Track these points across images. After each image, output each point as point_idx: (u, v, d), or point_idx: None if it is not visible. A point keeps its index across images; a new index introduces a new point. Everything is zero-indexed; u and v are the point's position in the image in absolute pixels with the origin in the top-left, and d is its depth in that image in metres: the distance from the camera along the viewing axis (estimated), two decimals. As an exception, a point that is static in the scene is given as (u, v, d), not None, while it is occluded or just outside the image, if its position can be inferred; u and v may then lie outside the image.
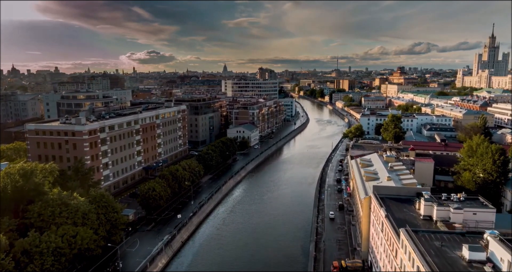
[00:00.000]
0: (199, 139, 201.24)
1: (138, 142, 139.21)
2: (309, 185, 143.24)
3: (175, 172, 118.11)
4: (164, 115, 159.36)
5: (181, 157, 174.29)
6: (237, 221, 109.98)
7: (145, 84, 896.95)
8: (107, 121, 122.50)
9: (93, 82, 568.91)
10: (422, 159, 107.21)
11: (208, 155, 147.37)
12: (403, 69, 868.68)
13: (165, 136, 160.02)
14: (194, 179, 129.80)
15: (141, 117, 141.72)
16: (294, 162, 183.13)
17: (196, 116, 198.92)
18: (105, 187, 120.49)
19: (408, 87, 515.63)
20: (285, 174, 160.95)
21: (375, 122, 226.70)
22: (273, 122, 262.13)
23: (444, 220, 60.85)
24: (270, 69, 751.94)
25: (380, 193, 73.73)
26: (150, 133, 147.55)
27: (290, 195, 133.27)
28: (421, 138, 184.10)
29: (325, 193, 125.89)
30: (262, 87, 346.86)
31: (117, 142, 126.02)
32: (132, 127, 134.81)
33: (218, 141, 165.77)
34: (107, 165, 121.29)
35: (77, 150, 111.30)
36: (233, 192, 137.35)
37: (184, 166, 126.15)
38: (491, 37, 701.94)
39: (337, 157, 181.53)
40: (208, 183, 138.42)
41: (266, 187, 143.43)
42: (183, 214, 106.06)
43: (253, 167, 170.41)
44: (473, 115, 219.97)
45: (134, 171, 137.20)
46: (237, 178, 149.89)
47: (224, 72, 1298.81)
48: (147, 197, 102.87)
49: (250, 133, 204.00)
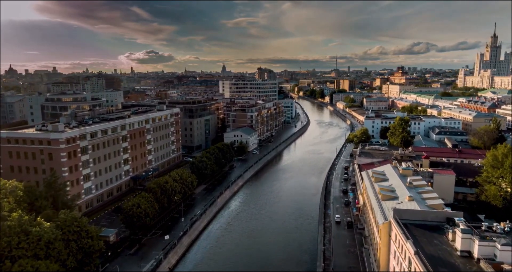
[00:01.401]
0: (194, 144, 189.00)
1: (125, 149, 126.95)
2: (312, 196, 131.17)
3: (164, 185, 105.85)
4: (155, 120, 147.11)
5: (174, 164, 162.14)
6: (233, 241, 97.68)
7: (142, 84, 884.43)
8: (89, 127, 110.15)
9: (88, 83, 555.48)
10: (441, 171, 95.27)
11: (202, 163, 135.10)
12: (403, 69, 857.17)
13: (156, 141, 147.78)
14: (186, 191, 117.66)
15: (129, 122, 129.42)
16: (295, 169, 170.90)
17: (191, 120, 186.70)
18: (86, 200, 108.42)
19: (410, 87, 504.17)
20: (285, 183, 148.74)
21: (380, 126, 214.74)
22: (273, 125, 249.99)
23: (488, 258, 48.78)
24: (269, 69, 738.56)
25: (402, 217, 61.69)
26: (139, 140, 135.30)
27: (292, 208, 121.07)
28: (431, 143, 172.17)
29: (331, 206, 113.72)
30: (261, 88, 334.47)
31: (100, 150, 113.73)
32: (118, 134, 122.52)
33: (214, 147, 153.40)
34: (88, 176, 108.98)
35: (54, 160, 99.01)
36: (230, 205, 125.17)
37: (174, 176, 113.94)
38: (493, 37, 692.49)
39: (342, 163, 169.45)
40: (202, 195, 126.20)
41: (265, 198, 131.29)
42: (172, 234, 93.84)
43: (252, 175, 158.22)
44: (484, 118, 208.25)
45: (121, 181, 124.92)
46: (234, 188, 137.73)
47: (223, 72, 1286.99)
48: (131, 215, 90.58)
49: (248, 138, 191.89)
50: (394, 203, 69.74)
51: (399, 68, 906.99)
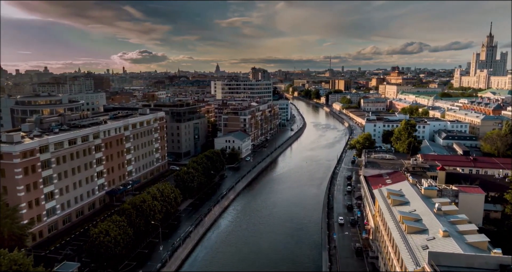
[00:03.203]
0: (182, 150, 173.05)
1: (99, 161, 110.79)
2: (313, 212, 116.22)
3: (141, 205, 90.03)
4: (135, 125, 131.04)
5: (159, 174, 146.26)
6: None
7: (134, 84, 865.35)
8: (53, 137, 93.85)
9: (76, 83, 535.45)
10: (467, 188, 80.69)
11: (189, 175, 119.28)
12: (399, 69, 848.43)
13: (137, 150, 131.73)
14: (168, 209, 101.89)
15: (104, 130, 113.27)
16: (292, 179, 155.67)
17: (178, 124, 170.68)
18: (50, 223, 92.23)
19: (407, 88, 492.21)
20: (282, 196, 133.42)
21: (382, 129, 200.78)
22: (268, 128, 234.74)
23: None
24: (263, 69, 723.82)
25: (440, 263, 46.76)
26: (116, 149, 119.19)
27: (290, 228, 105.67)
28: (440, 150, 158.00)
29: (335, 227, 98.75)
30: (255, 88, 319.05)
31: (67, 163, 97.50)
32: (90, 143, 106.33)
33: (202, 155, 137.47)
34: (52, 194, 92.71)
35: (6, 178, 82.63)
36: (219, 223, 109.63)
37: (154, 193, 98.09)
38: (489, 36, 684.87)
39: (343, 172, 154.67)
40: (187, 212, 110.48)
41: (259, 216, 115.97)
42: (147, 266, 78.25)
43: (245, 186, 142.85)
44: (492, 121, 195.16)
45: (94, 198, 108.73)
46: (224, 202, 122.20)
47: (217, 72, 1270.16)
48: (98, 245, 74.80)
49: (241, 143, 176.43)
50: (424, 239, 54.84)
51: (393, 68, 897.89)
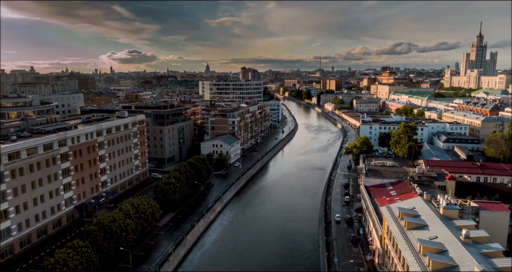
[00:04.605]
0: (166, 156, 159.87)
1: (67, 171, 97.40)
2: (308, 227, 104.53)
3: (110, 225, 77.14)
4: (111, 130, 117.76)
5: (139, 183, 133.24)
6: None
7: (122, 84, 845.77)
8: (7, 146, 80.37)
9: (59, 83, 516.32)
10: (489, 205, 69.81)
11: (170, 186, 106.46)
12: (391, 69, 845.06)
13: (112, 157, 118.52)
14: (145, 226, 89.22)
15: (73, 136, 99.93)
16: (284, 187, 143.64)
17: (161, 128, 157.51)
18: (4, 247, 78.68)
19: (399, 88, 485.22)
20: (273, 208, 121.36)
21: (378, 132, 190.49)
22: (258, 131, 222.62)
23: None
24: (253, 69, 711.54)
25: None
26: (87, 157, 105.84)
27: (283, 247, 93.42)
28: (441, 154, 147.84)
29: (334, 246, 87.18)
30: (244, 88, 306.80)
31: (26, 175, 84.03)
32: (55, 151, 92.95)
33: (186, 163, 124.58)
34: (6, 213, 79.27)
35: None
36: (203, 242, 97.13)
37: (127, 209, 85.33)
38: (479, 36, 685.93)
39: (339, 179, 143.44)
40: (167, 229, 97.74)
41: (248, 232, 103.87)
42: (115, 302, 65.58)
43: (233, 195, 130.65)
44: (493, 123, 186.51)
45: (60, 214, 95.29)
46: (210, 216, 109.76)
47: (207, 72, 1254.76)
48: (53, 278, 61.91)
49: (229, 148, 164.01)
50: (455, 279, 43.47)
51: (384, 68, 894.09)
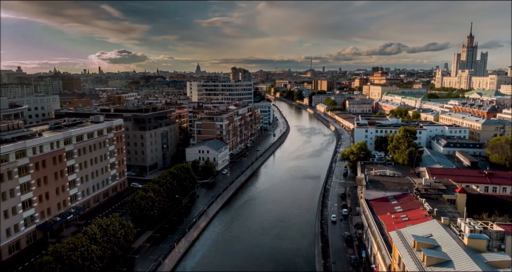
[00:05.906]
0: (147, 163, 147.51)
1: (26, 186, 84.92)
2: (303, 247, 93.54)
3: (70, 254, 65.00)
4: (82, 137, 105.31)
5: (116, 194, 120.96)
6: None
7: (110, 85, 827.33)
8: None
9: (41, 84, 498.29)
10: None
11: (147, 201, 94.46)
12: (382, 69, 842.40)
13: (84, 168, 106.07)
14: (115, 251, 77.24)
15: (34, 145, 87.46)
16: (276, 198, 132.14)
17: (143, 133, 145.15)
18: None
19: (392, 88, 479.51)
20: (263, 223, 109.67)
21: (374, 135, 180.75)
22: (248, 134, 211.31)
23: None
24: (244, 69, 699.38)
25: None
26: (53, 169, 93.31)
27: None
28: (443, 160, 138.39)
29: (333, 270, 76.30)
30: (234, 89, 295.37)
31: (-27, 194, 71.56)
32: (11, 164, 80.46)
33: (166, 173, 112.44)
34: None
35: None
36: (183, 266, 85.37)
37: (94, 232, 73.25)
38: (469, 37, 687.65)
39: (335, 188, 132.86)
40: (143, 251, 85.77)
41: (234, 254, 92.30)
42: None
43: (219, 208, 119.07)
44: (494, 126, 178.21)
45: (18, 236, 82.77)
46: (193, 233, 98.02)
47: (197, 73, 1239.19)
48: None
49: (216, 154, 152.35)
50: None
51: (376, 69, 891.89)
